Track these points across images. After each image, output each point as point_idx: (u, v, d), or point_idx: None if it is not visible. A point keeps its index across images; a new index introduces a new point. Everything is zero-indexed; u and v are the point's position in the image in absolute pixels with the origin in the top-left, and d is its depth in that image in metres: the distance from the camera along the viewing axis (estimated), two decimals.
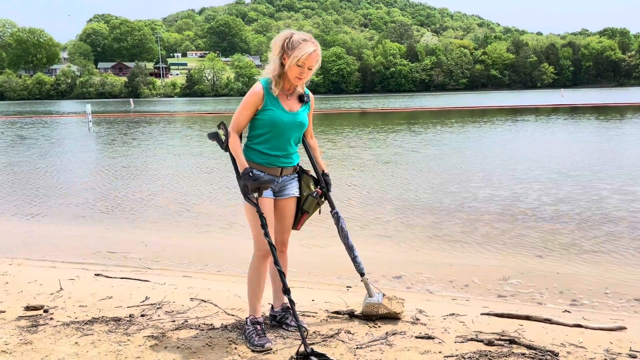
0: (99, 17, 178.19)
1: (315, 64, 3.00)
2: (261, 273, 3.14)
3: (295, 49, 2.93)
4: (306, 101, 3.17)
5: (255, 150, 3.09)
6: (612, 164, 11.83)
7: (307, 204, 3.24)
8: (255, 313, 3.16)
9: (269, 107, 3.03)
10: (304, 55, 2.92)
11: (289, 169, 3.17)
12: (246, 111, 3.05)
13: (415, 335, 3.15)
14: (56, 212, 8.50)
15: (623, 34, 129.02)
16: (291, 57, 2.93)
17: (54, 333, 3.24)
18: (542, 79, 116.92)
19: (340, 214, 3.36)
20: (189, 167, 13.05)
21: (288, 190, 3.20)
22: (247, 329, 3.11)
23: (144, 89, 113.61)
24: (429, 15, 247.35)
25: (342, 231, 3.33)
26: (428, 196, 8.83)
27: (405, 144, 16.92)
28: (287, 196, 3.20)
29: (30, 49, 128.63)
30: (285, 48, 2.96)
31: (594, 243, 6.07)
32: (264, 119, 3.03)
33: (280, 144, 3.09)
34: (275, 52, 3.00)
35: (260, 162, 3.08)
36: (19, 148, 18.31)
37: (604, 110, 32.19)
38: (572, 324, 3.40)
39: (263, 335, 3.05)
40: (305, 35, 3.01)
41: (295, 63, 2.93)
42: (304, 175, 3.26)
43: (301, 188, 3.25)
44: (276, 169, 3.11)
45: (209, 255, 5.92)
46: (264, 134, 3.06)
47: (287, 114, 3.06)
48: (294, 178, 3.24)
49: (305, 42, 2.96)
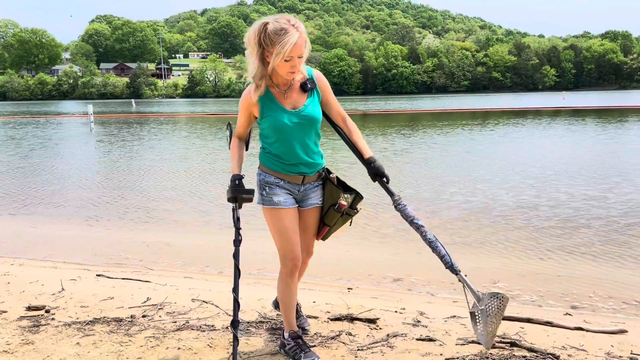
0: (101, 17, 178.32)
1: (304, 50, 2.53)
2: (292, 288, 2.85)
3: (275, 44, 2.45)
4: (311, 88, 2.70)
5: (270, 156, 2.77)
6: (614, 166, 11.82)
7: (329, 217, 2.86)
8: (292, 327, 2.91)
9: (268, 113, 2.66)
10: (287, 48, 2.44)
11: (312, 176, 2.79)
12: (241, 116, 2.78)
13: (416, 338, 3.14)
14: (58, 212, 8.51)
15: (625, 37, 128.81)
16: (274, 54, 2.47)
17: (55, 333, 3.24)
18: (543, 81, 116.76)
19: (403, 202, 2.79)
20: (190, 167, 13.05)
21: (312, 199, 2.85)
22: (289, 344, 2.88)
23: (145, 90, 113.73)
24: (431, 17, 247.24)
25: (412, 224, 2.77)
26: (429, 198, 8.83)
27: (405, 144, 16.92)
28: (311, 206, 2.85)
29: (33, 50, 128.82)
30: (263, 44, 2.49)
31: (595, 246, 6.06)
32: (267, 127, 2.69)
33: (294, 148, 2.70)
34: (252, 51, 2.54)
35: (277, 169, 2.75)
36: (20, 148, 18.33)
37: (605, 113, 32.16)
38: (573, 327, 3.39)
39: (308, 350, 2.82)
40: (281, 21, 2.48)
41: (282, 59, 2.48)
42: (328, 183, 2.85)
43: (324, 197, 2.86)
44: (297, 176, 2.76)
45: (210, 256, 5.92)
46: (273, 142, 2.71)
47: (290, 114, 2.66)
48: (318, 185, 2.86)
49: (285, 31, 2.44)
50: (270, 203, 2.76)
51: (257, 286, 4.61)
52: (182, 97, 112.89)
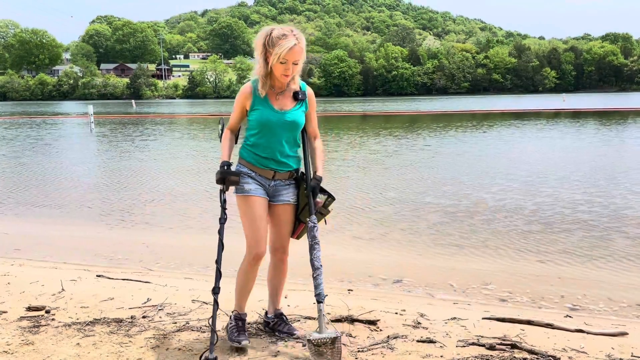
0: (101, 18, 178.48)
1: (300, 58, 2.88)
2: (249, 277, 3.08)
3: (275, 46, 2.82)
4: (301, 99, 3.03)
5: (248, 149, 3.05)
6: (616, 168, 11.82)
7: (304, 215, 3.08)
8: (240, 309, 3.15)
9: (257, 107, 2.97)
10: (284, 51, 2.80)
11: (282, 173, 3.04)
12: (235, 111, 3.06)
13: (417, 339, 3.14)
14: (58, 213, 8.51)
15: (625, 39, 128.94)
16: (272, 55, 2.83)
17: (55, 334, 3.24)
18: (544, 83, 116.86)
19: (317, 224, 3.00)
20: (191, 168, 13.06)
21: (283, 196, 3.07)
22: (230, 323, 3.12)
23: (146, 91, 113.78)
24: (432, 18, 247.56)
25: (312, 246, 2.96)
26: (430, 200, 8.82)
27: (407, 146, 16.92)
28: (282, 202, 3.07)
29: (33, 50, 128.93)
30: (267, 46, 2.86)
31: (595, 248, 6.06)
32: (253, 119, 2.99)
33: (272, 144, 2.99)
34: (259, 52, 2.91)
35: (252, 161, 3.03)
36: (20, 149, 18.33)
37: (606, 115, 32.18)
38: (573, 329, 3.39)
39: (243, 332, 3.04)
40: (285, 29, 2.87)
41: (278, 60, 2.83)
42: (302, 183, 3.09)
43: (298, 196, 3.11)
44: (268, 171, 3.02)
45: (210, 257, 5.88)
46: (255, 134, 3.01)
47: (276, 113, 2.96)
48: (290, 184, 3.09)
49: (285, 37, 2.82)
50: (242, 191, 3.01)
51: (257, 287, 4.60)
52: (182, 98, 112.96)
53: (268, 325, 3.27)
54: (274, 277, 3.23)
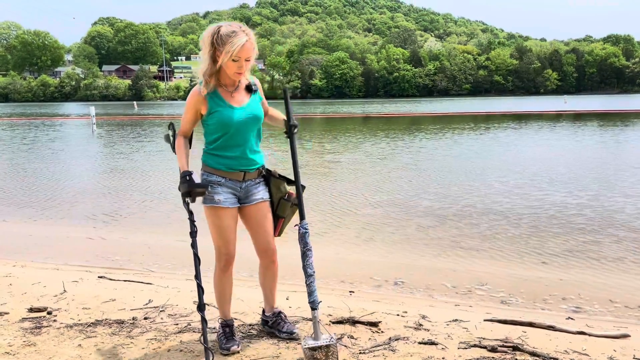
0: (103, 20, 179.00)
1: (252, 54, 2.77)
2: (224, 284, 3.07)
3: (226, 44, 2.70)
4: (254, 90, 2.96)
5: (213, 155, 2.94)
6: (618, 170, 11.81)
7: (281, 209, 3.05)
8: (224, 316, 3.12)
9: (215, 109, 2.85)
10: (236, 48, 2.69)
11: (252, 172, 2.97)
12: (187, 113, 2.92)
13: (419, 341, 3.14)
14: (60, 214, 8.52)
15: (627, 41, 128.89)
16: (223, 53, 2.71)
17: (57, 335, 3.24)
18: (545, 85, 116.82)
19: (308, 231, 2.91)
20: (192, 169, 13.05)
21: (255, 195, 3.00)
22: (218, 331, 3.11)
23: (147, 92, 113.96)
24: (433, 20, 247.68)
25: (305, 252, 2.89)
26: (431, 201, 8.82)
27: (405, 148, 16.92)
28: (256, 201, 3.00)
29: (35, 51, 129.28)
30: (215, 44, 2.73)
31: (597, 250, 6.05)
32: (213, 123, 2.86)
33: (238, 143, 2.89)
34: (206, 50, 2.78)
35: (219, 167, 2.92)
36: (21, 150, 18.36)
37: (607, 117, 32.15)
38: (575, 331, 3.39)
39: (231, 338, 3.03)
40: (234, 26, 2.75)
41: (230, 58, 2.72)
42: (272, 179, 3.04)
43: (271, 192, 3.05)
44: (238, 173, 2.93)
45: (211, 259, 5.91)
46: (219, 137, 2.89)
47: (237, 110, 2.86)
48: (260, 182, 3.02)
49: (235, 34, 2.70)
50: (211, 202, 2.97)
51: (258, 289, 4.60)
52: (183, 100, 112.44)
53: (267, 323, 3.26)
54: (265, 280, 3.21)
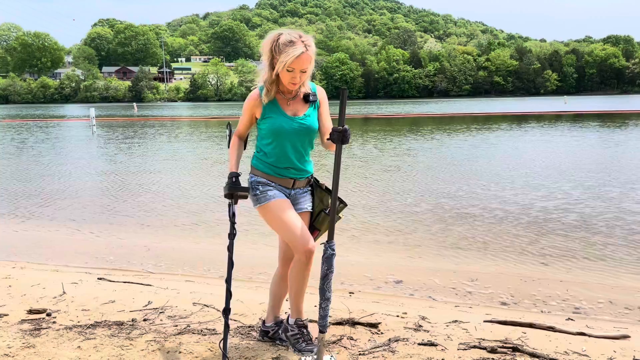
0: (103, 21, 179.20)
1: (308, 66, 2.71)
2: (306, 276, 2.87)
3: (281, 53, 2.65)
4: (312, 100, 2.88)
5: (263, 161, 2.90)
6: (618, 171, 11.80)
7: (319, 221, 2.96)
8: (300, 315, 2.96)
9: (268, 115, 2.82)
10: (289, 59, 2.64)
11: (301, 181, 2.93)
12: (244, 116, 2.91)
13: (418, 342, 3.14)
14: (59, 215, 8.51)
15: (627, 42, 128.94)
16: (278, 62, 2.67)
17: (56, 337, 3.24)
18: (545, 85, 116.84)
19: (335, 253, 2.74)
20: (192, 171, 13.06)
21: (301, 204, 2.94)
22: (292, 330, 2.95)
23: (147, 94, 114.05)
24: (433, 21, 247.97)
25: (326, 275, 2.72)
26: (431, 202, 8.82)
27: (405, 148, 16.92)
28: (300, 211, 2.93)
29: (35, 53, 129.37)
30: (274, 52, 2.70)
31: (597, 251, 6.05)
32: (265, 128, 2.84)
33: (287, 153, 2.84)
34: (265, 57, 2.76)
35: (270, 172, 2.88)
36: (21, 150, 18.36)
37: (607, 118, 32.15)
38: (575, 332, 3.38)
39: (310, 340, 2.89)
40: (293, 35, 2.69)
41: (284, 68, 2.68)
42: (317, 190, 2.99)
43: (314, 202, 2.99)
44: (287, 180, 2.89)
45: (211, 260, 5.92)
46: (269, 143, 2.86)
47: (290, 120, 2.81)
48: (307, 191, 2.98)
49: (292, 44, 2.64)
50: (265, 199, 2.85)
51: (258, 290, 4.61)
52: (184, 101, 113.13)
53: (267, 334, 3.15)
54: (279, 283, 3.09)
